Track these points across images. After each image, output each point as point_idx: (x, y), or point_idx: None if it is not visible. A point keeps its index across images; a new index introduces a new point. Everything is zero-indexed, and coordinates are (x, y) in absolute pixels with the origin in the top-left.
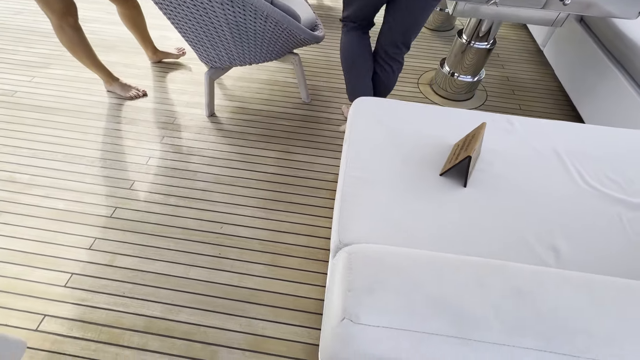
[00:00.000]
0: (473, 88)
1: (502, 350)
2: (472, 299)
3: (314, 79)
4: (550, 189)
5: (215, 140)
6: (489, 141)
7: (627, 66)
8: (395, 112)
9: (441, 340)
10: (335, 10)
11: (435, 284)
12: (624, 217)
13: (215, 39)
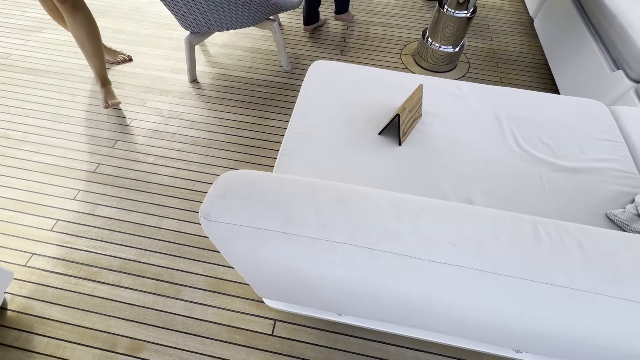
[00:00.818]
0: (454, 59)
1: (315, 243)
2: (300, 204)
3: (297, 47)
4: (482, 150)
5: (195, 105)
6: (434, 105)
7: (604, 38)
8: (349, 76)
9: (272, 234)
10: None
11: (275, 193)
12: (545, 177)
13: (190, 4)
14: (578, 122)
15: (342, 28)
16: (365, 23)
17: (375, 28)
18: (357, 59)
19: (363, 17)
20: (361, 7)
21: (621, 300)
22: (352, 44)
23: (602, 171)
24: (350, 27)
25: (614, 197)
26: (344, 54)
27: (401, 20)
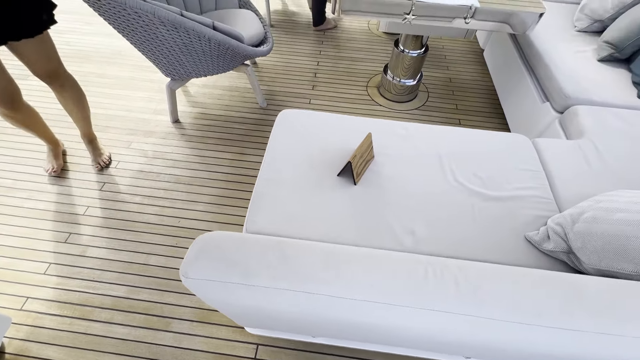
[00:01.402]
0: (415, 90)
1: (268, 290)
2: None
3: (271, 84)
4: (425, 185)
5: (178, 145)
6: (385, 147)
7: (535, 73)
8: (312, 123)
9: (235, 286)
10: (298, 15)
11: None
12: (476, 207)
13: (169, 57)
14: (506, 155)
15: (312, 63)
16: (333, 58)
17: (343, 62)
18: (327, 93)
19: (331, 52)
20: (329, 42)
21: (484, 319)
22: (321, 79)
23: (523, 198)
24: (320, 62)
25: (532, 220)
26: (315, 89)
27: (366, 54)
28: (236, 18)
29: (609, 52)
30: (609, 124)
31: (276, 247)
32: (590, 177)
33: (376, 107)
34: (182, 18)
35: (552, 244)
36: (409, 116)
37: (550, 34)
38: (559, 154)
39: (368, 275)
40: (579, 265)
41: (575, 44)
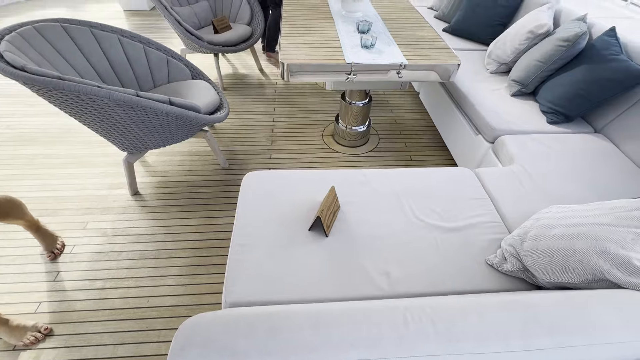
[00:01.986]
0: (366, 134)
1: None
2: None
3: (231, 144)
4: (390, 226)
5: (139, 218)
6: (349, 195)
7: (464, 110)
8: (277, 182)
9: None
10: (248, 77)
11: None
12: (438, 240)
13: (125, 133)
14: (454, 188)
15: (268, 120)
16: (287, 113)
17: (297, 116)
18: (287, 146)
19: (285, 107)
20: (282, 99)
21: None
22: (279, 133)
23: (477, 225)
24: (276, 118)
25: (488, 245)
26: (274, 144)
27: (317, 106)
28: (191, 89)
29: (518, 88)
30: (531, 148)
31: (261, 320)
32: (526, 197)
33: (334, 154)
34: (138, 98)
35: (509, 265)
36: (365, 159)
37: (469, 78)
38: (498, 180)
39: (354, 333)
40: (535, 280)
41: (489, 83)
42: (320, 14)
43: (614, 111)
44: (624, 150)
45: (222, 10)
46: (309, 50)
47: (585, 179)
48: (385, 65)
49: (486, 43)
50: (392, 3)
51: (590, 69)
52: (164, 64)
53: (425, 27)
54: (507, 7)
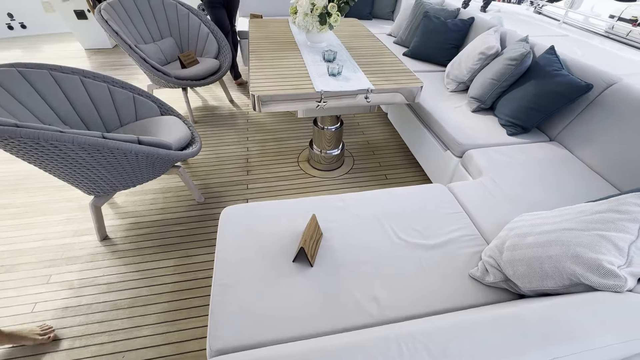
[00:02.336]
0: (341, 157)
1: None
2: None
3: (205, 177)
4: (373, 249)
5: (110, 265)
6: (329, 221)
7: (431, 128)
8: (255, 214)
9: None
10: (219, 108)
11: None
12: (422, 258)
13: (91, 176)
14: (431, 205)
15: (242, 150)
16: (261, 141)
17: (271, 144)
18: (263, 175)
19: (258, 136)
20: (255, 128)
21: None
22: (254, 163)
23: (456, 240)
24: (249, 147)
25: (469, 258)
26: (250, 173)
27: (290, 133)
28: (160, 126)
29: (477, 104)
30: (496, 160)
31: None
32: (497, 207)
33: (310, 179)
34: (104, 140)
35: (491, 277)
36: (341, 181)
37: (432, 97)
38: (470, 193)
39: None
40: (517, 289)
41: (451, 102)
42: (287, 46)
43: (563, 121)
44: (578, 156)
45: (188, 46)
46: (279, 81)
47: (548, 185)
48: (353, 91)
49: (443, 64)
50: (354, 32)
51: (538, 84)
52: (130, 102)
53: (387, 53)
54: (457, 31)
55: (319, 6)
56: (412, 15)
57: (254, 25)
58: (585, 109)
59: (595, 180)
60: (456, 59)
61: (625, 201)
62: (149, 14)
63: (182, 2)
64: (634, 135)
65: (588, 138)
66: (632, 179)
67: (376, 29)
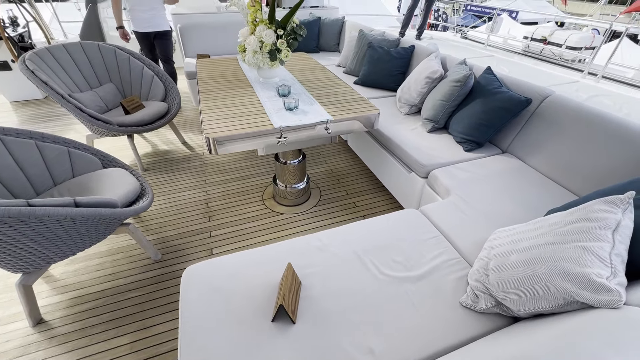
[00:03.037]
0: (307, 190)
1: None
2: None
3: (161, 230)
4: (358, 291)
5: (47, 354)
6: (308, 266)
7: (393, 152)
8: (223, 270)
9: None
10: (171, 152)
11: None
12: (410, 293)
13: (16, 252)
14: (408, 232)
15: (201, 194)
16: (221, 182)
17: (232, 184)
18: (226, 219)
19: (217, 177)
20: (212, 169)
21: None
22: (216, 207)
23: (440, 267)
24: (209, 190)
25: (456, 284)
26: (212, 219)
27: (251, 170)
28: (103, 180)
29: (431, 125)
30: (460, 177)
31: None
32: (471, 224)
33: (278, 217)
34: (30, 209)
35: (483, 303)
36: (311, 215)
37: (388, 122)
38: (443, 214)
39: None
40: (511, 312)
41: (407, 124)
42: (238, 83)
43: (511, 133)
44: (530, 164)
45: (131, 90)
46: (234, 120)
47: (511, 196)
48: (312, 124)
49: (393, 89)
50: (304, 65)
51: (483, 102)
52: (64, 158)
53: (340, 83)
54: (401, 58)
55: (268, 43)
56: (358, 46)
57: (202, 65)
58: (528, 121)
59: (552, 187)
60: (405, 84)
61: (592, 208)
62: (84, 61)
63: (121, 47)
64: (575, 141)
65: (535, 147)
66: (584, 182)
67: (324, 60)
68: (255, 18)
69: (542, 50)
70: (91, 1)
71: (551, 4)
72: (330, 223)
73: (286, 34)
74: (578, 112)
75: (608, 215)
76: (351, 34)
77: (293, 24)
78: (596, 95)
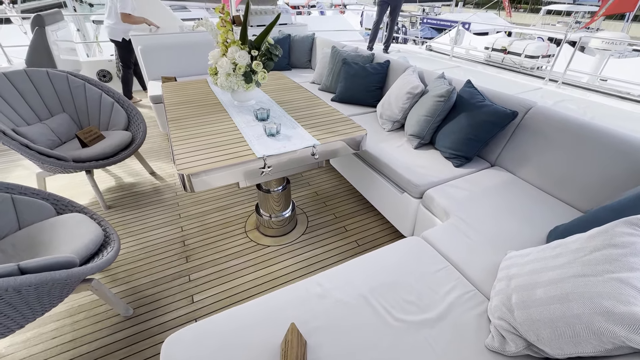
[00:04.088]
0: (293, 217)
1: None
2: None
3: (131, 279)
4: (373, 345)
5: None
6: (311, 319)
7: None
8: (213, 338)
9: None
10: (138, 184)
11: None
12: (430, 339)
13: None
14: (415, 265)
15: (176, 231)
16: (198, 215)
17: (210, 217)
18: (206, 258)
19: (193, 210)
20: (187, 201)
21: None
22: (193, 244)
23: (456, 303)
24: (184, 226)
25: (478, 324)
26: (190, 259)
27: (231, 199)
28: (57, 231)
29: (417, 141)
30: (456, 197)
31: None
32: (478, 249)
33: (264, 249)
34: None
35: (512, 345)
36: (300, 245)
37: (373, 139)
38: (447, 240)
39: None
40: (545, 354)
41: (392, 141)
42: (211, 108)
43: (498, 146)
44: (521, 177)
45: (88, 120)
46: (210, 152)
47: (511, 212)
48: (298, 151)
49: (372, 105)
50: (280, 85)
51: (469, 116)
52: (8, 207)
53: (320, 103)
54: (377, 74)
55: (242, 65)
56: (332, 62)
57: (168, 89)
58: (514, 133)
59: (550, 201)
60: (385, 100)
61: (614, 232)
62: (31, 90)
63: (74, 73)
64: (564, 152)
65: (524, 159)
66: (581, 194)
67: (298, 78)
68: (226, 39)
69: (503, 59)
70: (38, 24)
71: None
72: (322, 252)
73: (261, 54)
74: (563, 122)
75: (635, 239)
76: (323, 51)
77: (267, 44)
78: (561, 100)
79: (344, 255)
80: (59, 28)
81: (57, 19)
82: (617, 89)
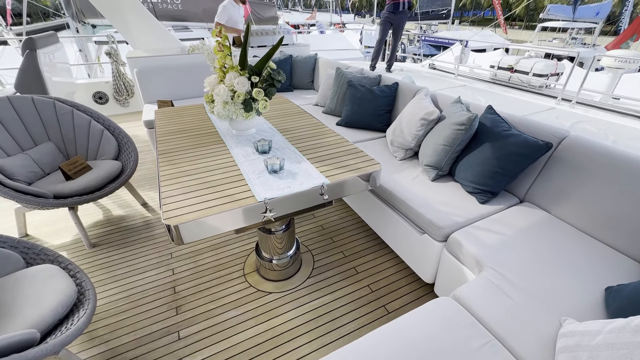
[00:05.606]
0: (297, 257)
1: None
2: None
3: (112, 338)
4: None
5: None
6: None
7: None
8: None
9: None
10: (128, 218)
11: None
12: None
13: None
14: (448, 336)
15: (166, 274)
16: (190, 255)
17: (206, 255)
18: (200, 309)
19: (185, 249)
20: None
21: None
22: (185, 292)
23: None
24: (175, 268)
25: None
26: (180, 311)
27: (227, 235)
28: (22, 289)
29: (435, 172)
30: (486, 242)
31: None
32: (524, 314)
33: (265, 297)
34: None
35: None
36: (306, 292)
37: (385, 170)
38: (484, 302)
39: None
40: None
41: (406, 172)
42: (206, 138)
43: (527, 179)
44: (557, 216)
45: (75, 149)
46: (202, 195)
47: (553, 262)
48: (305, 192)
49: (380, 130)
50: (282, 110)
51: (494, 146)
52: None
53: (327, 131)
54: (385, 97)
55: (241, 92)
56: (336, 85)
57: (161, 116)
58: (546, 166)
59: (599, 248)
60: (395, 125)
61: None
62: (13, 118)
63: (62, 99)
64: (610, 190)
65: (560, 195)
66: (633, 238)
67: (300, 100)
68: (224, 64)
69: (510, 78)
70: (29, 47)
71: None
72: (330, 300)
73: (262, 80)
74: (606, 156)
75: None
76: (327, 72)
77: (269, 69)
78: (578, 121)
79: (356, 304)
80: (55, 50)
81: (50, 42)
82: (632, 108)
